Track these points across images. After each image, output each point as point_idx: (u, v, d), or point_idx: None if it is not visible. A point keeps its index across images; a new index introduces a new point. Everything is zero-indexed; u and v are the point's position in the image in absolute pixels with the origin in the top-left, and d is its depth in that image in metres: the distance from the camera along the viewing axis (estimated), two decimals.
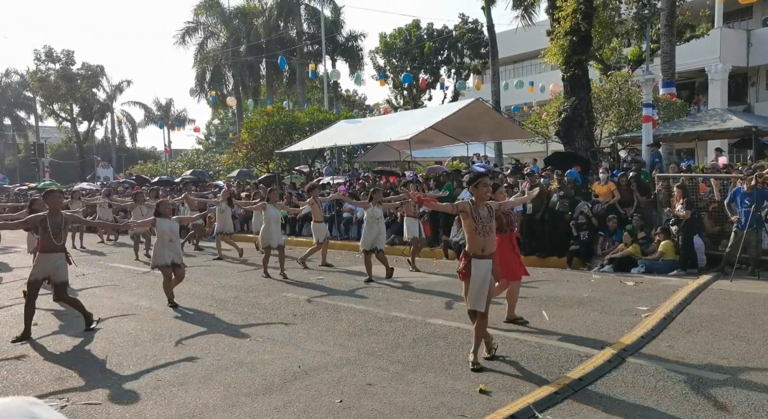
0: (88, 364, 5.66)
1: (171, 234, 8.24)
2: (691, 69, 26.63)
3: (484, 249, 5.27)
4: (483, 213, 5.28)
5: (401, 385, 4.81)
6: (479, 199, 5.33)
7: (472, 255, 5.27)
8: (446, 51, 37.98)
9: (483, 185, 5.34)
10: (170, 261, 8.20)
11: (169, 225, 8.27)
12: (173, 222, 8.43)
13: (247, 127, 24.89)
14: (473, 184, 5.43)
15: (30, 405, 0.63)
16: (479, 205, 5.30)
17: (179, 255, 8.37)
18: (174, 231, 8.31)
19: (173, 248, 8.28)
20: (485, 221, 5.26)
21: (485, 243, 5.27)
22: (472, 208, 5.28)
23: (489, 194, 5.45)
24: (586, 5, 14.21)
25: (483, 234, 5.25)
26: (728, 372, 4.91)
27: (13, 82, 52.53)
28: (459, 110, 15.55)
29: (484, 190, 5.35)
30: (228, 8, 38.01)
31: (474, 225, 5.24)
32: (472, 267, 5.23)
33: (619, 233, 10.86)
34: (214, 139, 61.05)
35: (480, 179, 5.41)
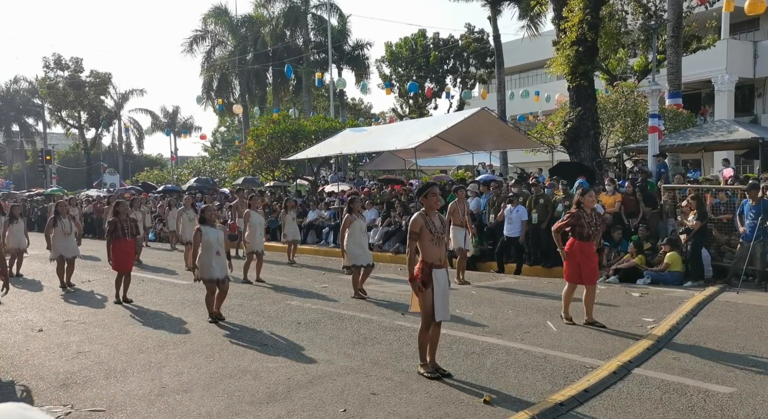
0: (93, 371, 5.67)
1: (218, 245, 7.55)
2: (698, 80, 26.62)
3: (441, 259, 5.28)
4: (437, 223, 5.28)
5: (405, 395, 4.80)
6: (429, 208, 5.32)
7: (432, 264, 5.21)
8: (452, 60, 38.12)
9: (432, 194, 5.35)
10: (216, 276, 7.52)
11: (216, 235, 7.60)
12: (220, 232, 7.74)
13: (253, 135, 24.97)
14: (422, 195, 5.41)
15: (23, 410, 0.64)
16: (431, 215, 5.30)
17: (225, 267, 7.69)
18: (221, 241, 7.62)
19: (220, 261, 7.58)
20: (439, 231, 5.27)
21: (441, 253, 5.28)
22: (426, 219, 5.25)
23: (439, 204, 5.45)
24: (593, 16, 14.25)
25: (438, 244, 5.25)
26: (735, 385, 4.87)
27: (22, 89, 53.01)
28: (464, 119, 15.59)
29: (433, 200, 5.33)
30: (236, 17, 38.32)
31: (430, 236, 5.21)
32: (434, 277, 5.18)
33: (624, 244, 10.83)
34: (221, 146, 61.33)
35: (429, 189, 5.42)
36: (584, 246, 6.92)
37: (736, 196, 10.49)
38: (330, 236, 16.27)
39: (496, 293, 9.35)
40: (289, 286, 10.32)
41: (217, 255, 7.52)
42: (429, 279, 5.18)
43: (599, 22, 14.80)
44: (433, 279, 5.17)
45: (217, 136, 62.34)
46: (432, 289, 5.17)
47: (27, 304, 9.15)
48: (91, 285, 10.86)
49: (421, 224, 5.23)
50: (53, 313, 8.44)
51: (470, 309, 8.08)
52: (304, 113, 34.45)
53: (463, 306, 8.27)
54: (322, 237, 16.64)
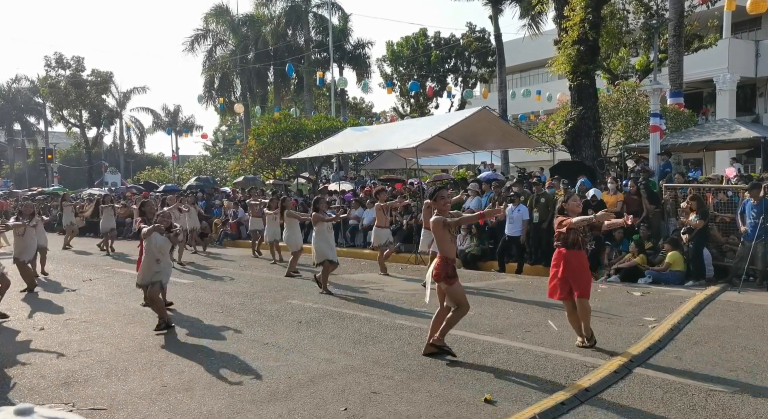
0: (94, 369, 5.67)
1: (158, 252, 7.18)
2: (699, 79, 26.59)
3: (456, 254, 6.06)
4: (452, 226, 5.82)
5: (406, 394, 4.80)
6: (441, 211, 5.78)
7: (454, 260, 5.79)
8: (453, 59, 38.10)
9: (440, 198, 5.85)
10: (149, 281, 7.18)
11: (160, 241, 7.19)
12: (164, 237, 7.25)
13: (254, 134, 24.99)
14: (433, 199, 5.95)
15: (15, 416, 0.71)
16: (446, 216, 5.80)
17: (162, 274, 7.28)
18: (163, 250, 7.22)
19: (160, 268, 7.22)
20: (454, 231, 5.88)
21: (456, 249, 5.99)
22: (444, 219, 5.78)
23: (448, 206, 5.93)
24: (594, 15, 14.23)
25: (455, 242, 5.89)
26: (736, 384, 4.87)
27: (24, 88, 53.04)
28: (466, 118, 15.58)
29: (442, 203, 5.81)
30: (237, 16, 38.32)
31: (449, 236, 5.78)
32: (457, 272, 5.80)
33: (625, 243, 10.82)
34: (222, 145, 61.34)
35: (437, 193, 5.95)
36: (571, 255, 5.98)
37: (738, 196, 10.48)
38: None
39: (497, 293, 9.35)
40: (290, 285, 10.32)
41: (157, 262, 7.16)
42: (455, 273, 5.69)
43: (601, 21, 14.77)
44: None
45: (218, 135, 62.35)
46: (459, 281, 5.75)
47: (29, 303, 9.16)
48: (92, 284, 10.88)
49: (442, 221, 5.72)
50: (54, 312, 8.44)
51: (471, 308, 8.06)
52: (306, 112, 34.44)
53: None
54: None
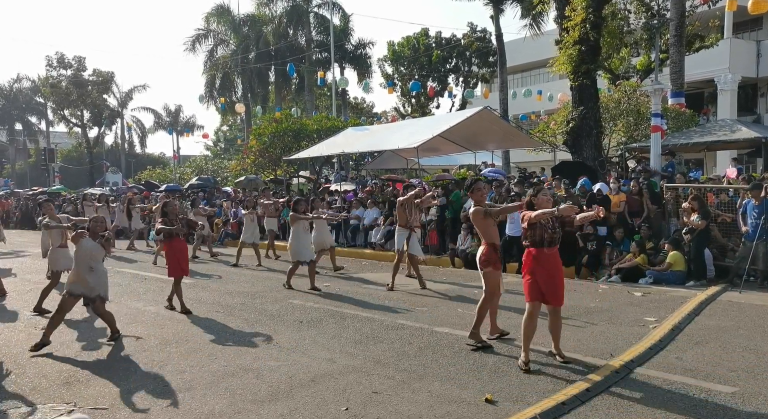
0: (96, 369, 5.68)
1: (90, 260, 6.46)
2: (701, 79, 26.57)
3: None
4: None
5: (407, 394, 4.80)
6: (478, 202, 6.05)
7: (497, 245, 6.05)
8: (454, 59, 38.08)
9: (477, 189, 6.07)
10: (80, 292, 6.49)
11: (91, 247, 6.47)
12: (96, 244, 6.52)
13: (255, 134, 25.00)
14: (470, 190, 6.17)
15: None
16: (483, 206, 6.06)
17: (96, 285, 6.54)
18: (94, 256, 6.50)
19: (93, 278, 6.48)
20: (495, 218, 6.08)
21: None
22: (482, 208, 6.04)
23: (485, 197, 6.15)
24: (595, 15, 14.23)
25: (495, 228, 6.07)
26: (737, 385, 4.87)
27: (25, 88, 53.08)
28: (467, 118, 15.58)
29: (479, 194, 6.06)
30: (238, 16, 38.34)
31: (492, 221, 6.02)
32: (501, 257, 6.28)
33: (626, 243, 10.81)
34: (223, 145, 61.36)
35: (474, 185, 6.14)
36: (540, 253, 5.42)
37: (738, 196, 10.48)
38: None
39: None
40: (291, 285, 10.31)
41: (90, 270, 6.44)
42: (498, 259, 6.02)
43: (602, 21, 14.77)
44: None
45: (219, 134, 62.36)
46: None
47: (30, 303, 9.16)
48: None
49: (482, 211, 5.96)
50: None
51: (472, 308, 8.07)
52: (307, 112, 34.44)
53: (465, 305, 8.27)
54: None
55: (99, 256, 6.62)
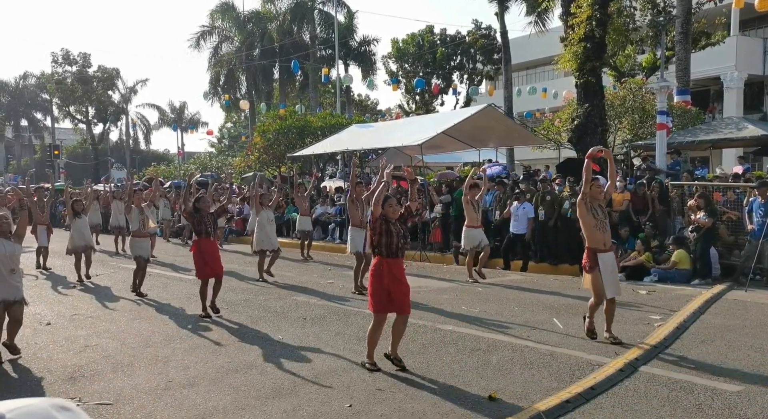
0: (100, 364, 5.70)
1: (10, 262, 5.91)
2: (707, 77, 26.43)
3: (606, 244, 5.95)
4: (599, 211, 5.96)
5: (411, 391, 4.80)
6: (593, 198, 5.96)
7: (596, 249, 5.92)
8: (459, 56, 37.96)
9: (596, 186, 5.97)
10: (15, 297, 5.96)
11: (9, 249, 5.88)
12: (15, 246, 5.99)
13: (259, 131, 25.00)
14: (589, 186, 6.02)
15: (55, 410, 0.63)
16: (594, 204, 5.96)
17: (17, 289, 6.03)
18: (13, 258, 5.96)
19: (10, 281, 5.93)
20: (602, 218, 5.96)
21: (605, 239, 5.96)
22: (590, 205, 5.95)
23: (602, 194, 6.03)
24: (601, 12, 14.16)
25: (602, 230, 5.92)
26: (743, 384, 4.85)
27: (31, 85, 53.23)
28: (471, 116, 15.52)
29: (597, 190, 5.97)
30: (242, 12, 38.31)
31: (594, 222, 5.91)
32: (600, 261, 5.86)
33: (631, 241, 10.78)
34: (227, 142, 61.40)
35: (594, 181, 6.01)
36: (392, 263, 5.35)
37: (744, 194, 10.42)
38: (336, 232, 16.30)
39: (502, 290, 9.33)
40: (295, 282, 10.33)
41: (12, 273, 5.93)
42: (595, 263, 5.89)
43: (607, 18, 14.70)
44: (599, 262, 5.85)
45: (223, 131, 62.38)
46: (599, 270, 5.86)
47: (35, 298, 9.20)
48: (99, 280, 10.91)
49: (585, 209, 5.93)
50: (61, 307, 8.49)
51: (476, 305, 8.07)
52: (311, 109, 34.41)
53: (468, 302, 8.26)
54: (328, 232, 16.68)
55: (17, 257, 6.03)
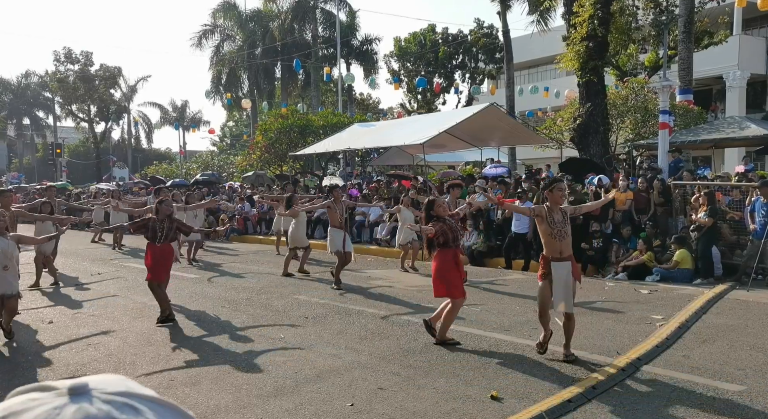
0: (103, 363, 5.71)
1: (4, 258, 6.22)
2: (709, 76, 26.38)
3: (562, 252, 5.49)
4: (558, 217, 5.51)
5: (413, 390, 4.80)
6: (554, 203, 5.56)
7: (551, 258, 5.48)
8: (461, 55, 37.94)
9: (558, 189, 5.61)
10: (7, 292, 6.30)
11: (3, 245, 6.20)
12: (10, 243, 6.32)
13: (261, 130, 25.01)
14: (548, 189, 5.65)
15: (125, 381, 0.70)
16: (554, 210, 5.53)
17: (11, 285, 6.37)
18: (8, 254, 6.25)
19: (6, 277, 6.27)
20: (560, 226, 5.49)
21: (561, 247, 5.50)
22: (547, 212, 5.49)
23: (564, 199, 5.71)
24: (603, 11, 14.14)
25: (559, 239, 5.48)
26: (745, 383, 4.84)
27: (33, 83, 53.29)
28: (473, 115, 15.51)
29: (558, 195, 5.60)
30: (244, 11, 38.31)
31: (550, 230, 5.48)
32: (553, 270, 5.43)
33: (633, 240, 10.77)
34: (229, 140, 61.44)
35: (555, 184, 5.66)
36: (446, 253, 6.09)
37: (747, 193, 10.40)
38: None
39: (504, 289, 9.33)
40: (297, 281, 10.33)
41: (4, 270, 6.22)
42: (548, 271, 5.47)
43: (610, 17, 14.68)
44: (552, 271, 5.42)
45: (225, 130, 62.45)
46: (550, 281, 5.43)
47: (38, 296, 9.23)
48: (101, 278, 10.94)
49: (542, 213, 5.52)
50: (64, 305, 8.50)
51: (478, 305, 8.07)
52: (313, 108, 34.42)
53: (470, 302, 8.25)
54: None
55: (12, 254, 6.32)
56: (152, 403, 0.66)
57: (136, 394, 0.66)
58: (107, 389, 0.65)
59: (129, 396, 0.66)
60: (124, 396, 0.65)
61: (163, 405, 0.67)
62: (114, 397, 0.65)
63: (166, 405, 0.68)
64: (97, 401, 0.63)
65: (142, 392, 0.67)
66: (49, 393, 0.64)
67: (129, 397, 0.65)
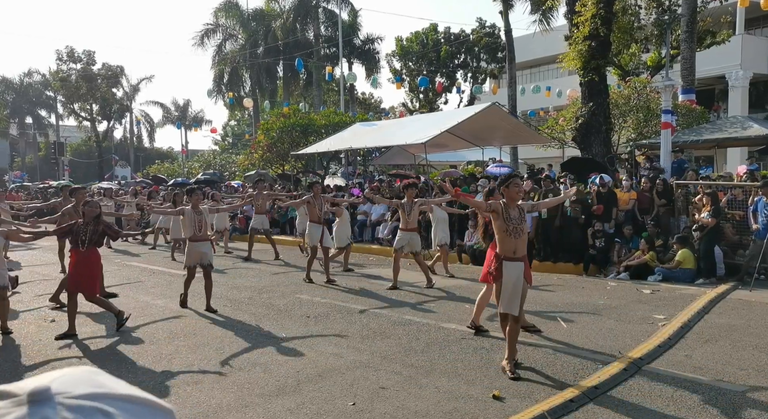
0: (104, 362, 5.72)
1: None
2: (711, 75, 26.33)
3: (516, 251, 5.21)
4: (514, 214, 5.22)
5: (414, 389, 4.80)
6: (510, 199, 5.27)
7: (504, 257, 5.19)
8: (463, 55, 37.93)
9: (514, 185, 5.27)
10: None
11: None
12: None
13: (263, 129, 25.03)
14: (504, 185, 5.33)
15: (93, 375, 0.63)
16: (510, 206, 5.25)
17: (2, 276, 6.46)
18: None
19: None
20: (516, 222, 5.20)
21: (516, 245, 5.21)
22: (504, 208, 5.22)
23: (521, 194, 5.40)
24: (606, 10, 14.12)
25: (514, 236, 5.19)
26: (747, 383, 4.84)
27: (35, 82, 53.37)
28: (475, 114, 15.50)
29: (515, 191, 5.27)
30: (246, 10, 38.33)
31: (505, 227, 5.18)
32: (504, 269, 5.15)
33: (635, 240, 10.75)
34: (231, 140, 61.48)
35: (511, 179, 5.32)
36: None
37: (749, 193, 10.38)
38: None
39: None
40: (299, 280, 10.34)
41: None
42: (500, 271, 5.17)
43: (612, 16, 14.66)
44: (503, 271, 5.14)
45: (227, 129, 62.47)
46: (501, 281, 5.15)
47: (40, 295, 9.24)
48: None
49: (498, 209, 5.20)
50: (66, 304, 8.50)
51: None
52: (315, 107, 34.44)
53: (471, 301, 8.24)
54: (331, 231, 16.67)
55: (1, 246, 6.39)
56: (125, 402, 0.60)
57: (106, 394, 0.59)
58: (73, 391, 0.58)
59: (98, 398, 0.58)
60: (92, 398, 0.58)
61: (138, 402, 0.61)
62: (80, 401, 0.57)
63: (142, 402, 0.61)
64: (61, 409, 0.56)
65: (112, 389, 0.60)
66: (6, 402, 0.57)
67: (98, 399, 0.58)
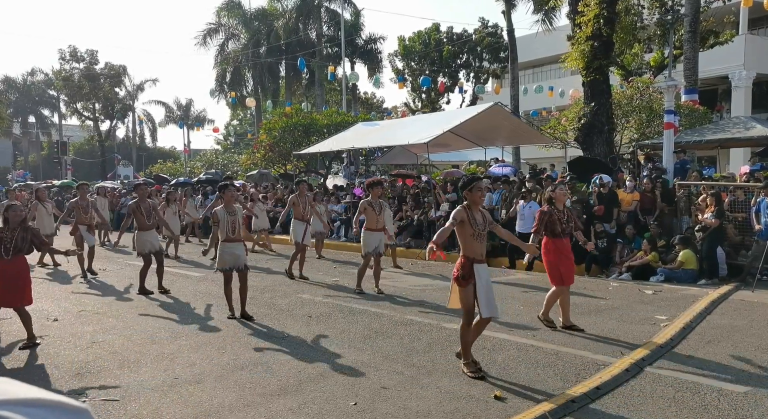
0: (107, 361, 5.73)
1: None
2: (714, 76, 26.29)
3: (482, 253, 5.21)
4: (479, 218, 5.20)
5: (416, 389, 4.80)
6: (474, 203, 5.23)
7: (474, 259, 5.13)
8: (465, 55, 37.92)
9: (477, 189, 5.24)
10: None
11: None
12: None
13: (265, 128, 25.07)
14: (468, 189, 5.26)
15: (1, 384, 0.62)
16: (474, 210, 5.21)
17: None
18: None
19: None
20: (482, 227, 5.17)
21: (482, 249, 5.21)
22: (469, 213, 5.17)
23: (483, 198, 5.41)
24: (609, 10, 14.11)
25: (479, 240, 5.16)
26: (749, 384, 4.83)
27: (38, 81, 53.50)
28: (477, 114, 15.49)
29: (478, 195, 5.26)
30: (249, 10, 38.38)
31: (471, 231, 5.12)
32: (476, 272, 5.10)
33: (638, 241, 10.74)
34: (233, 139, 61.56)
35: (474, 183, 5.26)
36: (558, 243, 6.66)
37: (752, 194, 10.37)
38: (341, 230, 16.33)
39: (507, 289, 9.32)
40: (301, 280, 10.34)
41: None
42: (470, 275, 5.08)
43: (615, 16, 14.65)
44: (475, 275, 5.08)
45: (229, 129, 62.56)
46: (474, 285, 5.08)
47: (42, 294, 9.25)
48: (105, 275, 10.97)
49: (464, 216, 5.13)
50: (68, 303, 8.53)
51: None
52: (317, 107, 34.47)
53: None
54: (333, 230, 16.69)
55: None
56: (29, 407, 0.57)
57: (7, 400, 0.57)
58: None
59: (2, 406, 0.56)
60: None
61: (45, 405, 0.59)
62: None
63: (50, 405, 0.59)
64: None
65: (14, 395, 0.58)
66: None
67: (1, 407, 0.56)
